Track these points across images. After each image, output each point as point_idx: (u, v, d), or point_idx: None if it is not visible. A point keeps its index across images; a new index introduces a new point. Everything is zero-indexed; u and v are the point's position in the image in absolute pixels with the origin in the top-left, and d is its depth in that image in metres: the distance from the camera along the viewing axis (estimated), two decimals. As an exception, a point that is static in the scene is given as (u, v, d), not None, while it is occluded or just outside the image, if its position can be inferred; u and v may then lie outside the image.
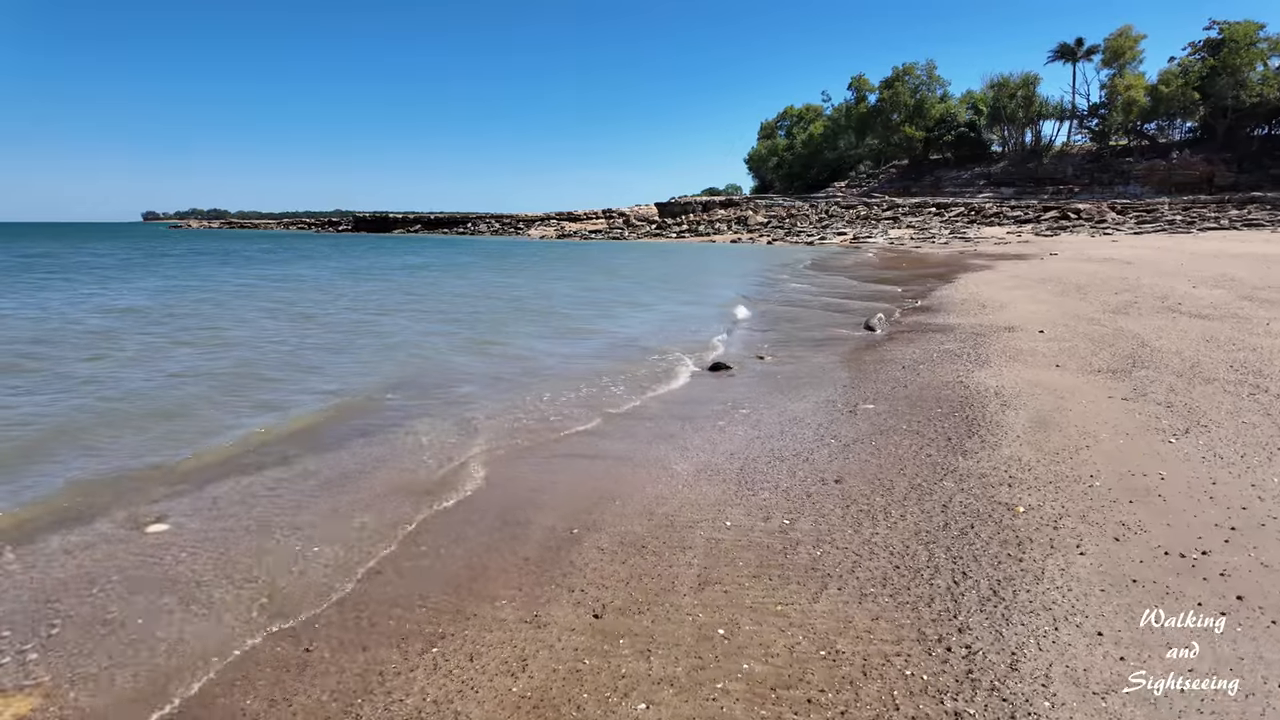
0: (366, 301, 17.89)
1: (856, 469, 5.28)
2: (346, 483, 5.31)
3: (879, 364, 9.21)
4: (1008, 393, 7.32)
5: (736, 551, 4.00)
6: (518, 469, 5.59)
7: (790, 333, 12.58)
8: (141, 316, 14.38)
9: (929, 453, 5.58)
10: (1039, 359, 8.97)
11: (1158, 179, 61.79)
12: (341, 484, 5.28)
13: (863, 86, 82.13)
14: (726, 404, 7.49)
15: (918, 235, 50.81)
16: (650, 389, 8.32)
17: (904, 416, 6.65)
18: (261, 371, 9.23)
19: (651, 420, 6.95)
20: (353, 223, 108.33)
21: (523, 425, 6.84)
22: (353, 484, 5.28)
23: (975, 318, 12.86)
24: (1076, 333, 10.73)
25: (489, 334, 12.69)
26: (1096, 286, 16.88)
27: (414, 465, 5.71)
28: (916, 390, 7.67)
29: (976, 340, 10.49)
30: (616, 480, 5.26)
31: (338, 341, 11.76)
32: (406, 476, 5.44)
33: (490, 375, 9.20)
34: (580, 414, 7.25)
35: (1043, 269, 23.33)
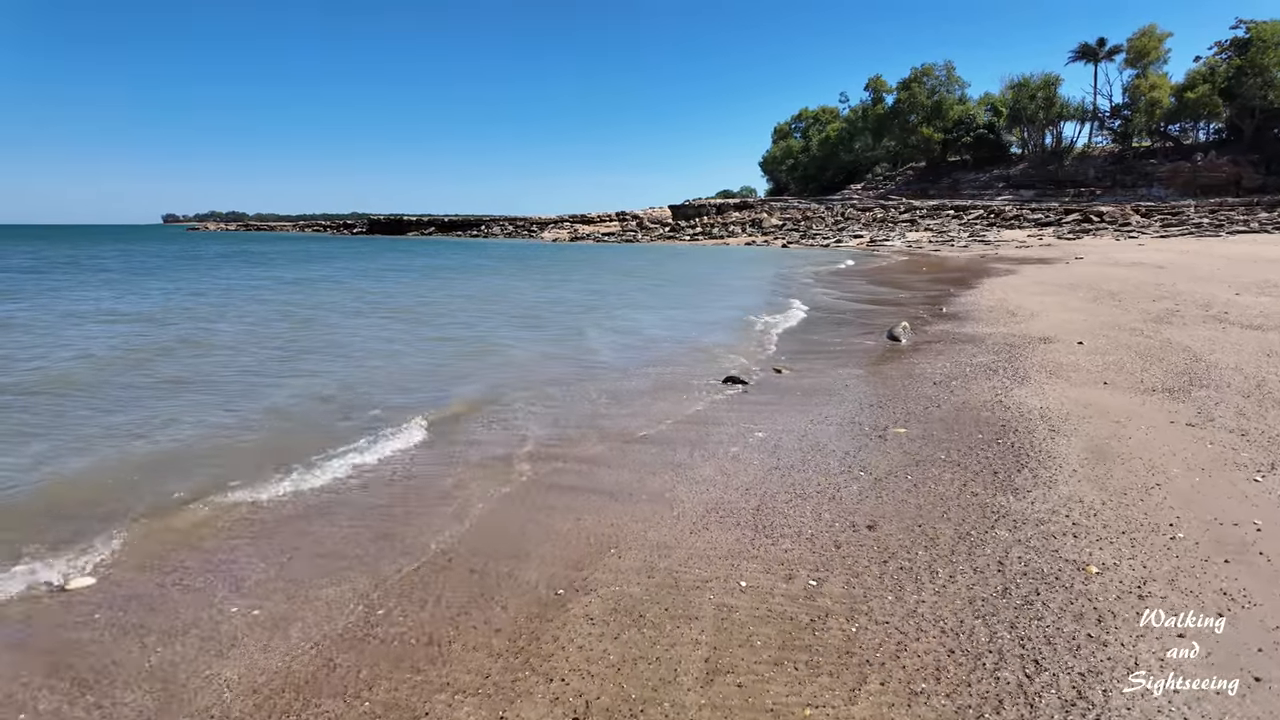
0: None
1: (892, 510, 4.56)
2: (316, 529, 4.66)
3: (907, 379, 8.47)
4: (1054, 415, 6.57)
5: (753, 625, 3.30)
6: (506, 508, 4.92)
7: (809, 342, 11.84)
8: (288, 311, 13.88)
9: (974, 490, 4.86)
10: (1083, 374, 8.21)
11: (1182, 181, 60.37)
12: (312, 532, 4.63)
13: (880, 88, 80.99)
14: (741, 425, 6.78)
15: (936, 238, 49.78)
16: (656, 406, 7.63)
17: (941, 443, 5.92)
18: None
19: (657, 445, 6.25)
20: (367, 225, 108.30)
21: (510, 452, 6.17)
22: (329, 528, 4.63)
23: (1006, 327, 12.08)
24: (1119, 344, 9.94)
25: (460, 335, 12.04)
26: (1131, 293, 16.03)
27: (408, 509, 5.05)
28: (951, 411, 6.93)
29: (1011, 352, 9.73)
30: (614, 522, 4.56)
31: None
32: (387, 524, 4.78)
33: (481, 387, 8.55)
34: (579, 436, 6.57)
35: (1070, 274, 22.45)
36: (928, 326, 12.68)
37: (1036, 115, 69.78)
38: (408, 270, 31.56)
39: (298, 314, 15.65)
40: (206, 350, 10.89)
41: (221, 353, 10.72)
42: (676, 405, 7.65)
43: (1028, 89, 69.50)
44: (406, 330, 13.48)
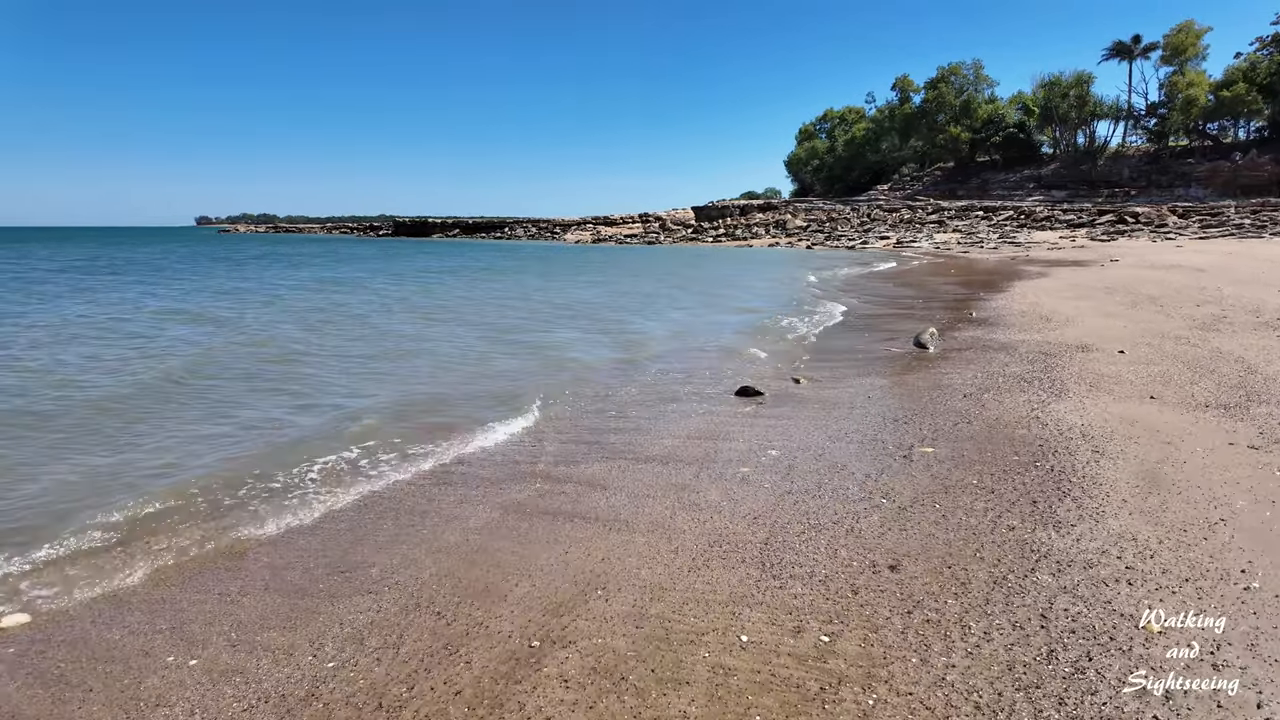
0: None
1: (917, 547, 4.05)
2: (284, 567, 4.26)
3: (935, 390, 7.92)
4: (1097, 434, 6.00)
5: (753, 693, 2.82)
6: (488, 538, 4.48)
7: (830, 349, 11.28)
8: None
9: (1010, 523, 4.33)
10: (1126, 387, 7.60)
11: (1222, 181, 58.64)
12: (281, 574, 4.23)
13: (907, 87, 79.80)
14: (753, 442, 6.29)
15: (965, 240, 48.71)
16: (663, 419, 7.16)
17: (972, 465, 5.39)
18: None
19: (661, 463, 5.78)
20: (393, 227, 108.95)
21: (499, 474, 5.74)
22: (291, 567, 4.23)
23: (1040, 333, 11.44)
24: (1164, 353, 9.29)
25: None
26: (1172, 297, 15.25)
27: (381, 531, 4.64)
28: (983, 427, 6.38)
29: (1046, 362, 9.12)
30: (605, 556, 4.10)
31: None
32: (353, 553, 4.37)
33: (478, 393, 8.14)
34: (578, 454, 6.13)
35: (1105, 276, 21.60)
36: (956, 333, 12.08)
37: (1069, 114, 68.27)
38: (440, 273, 31.38)
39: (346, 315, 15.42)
40: (290, 360, 10.58)
41: (309, 360, 10.46)
42: (686, 419, 7.17)
43: (1059, 87, 68.02)
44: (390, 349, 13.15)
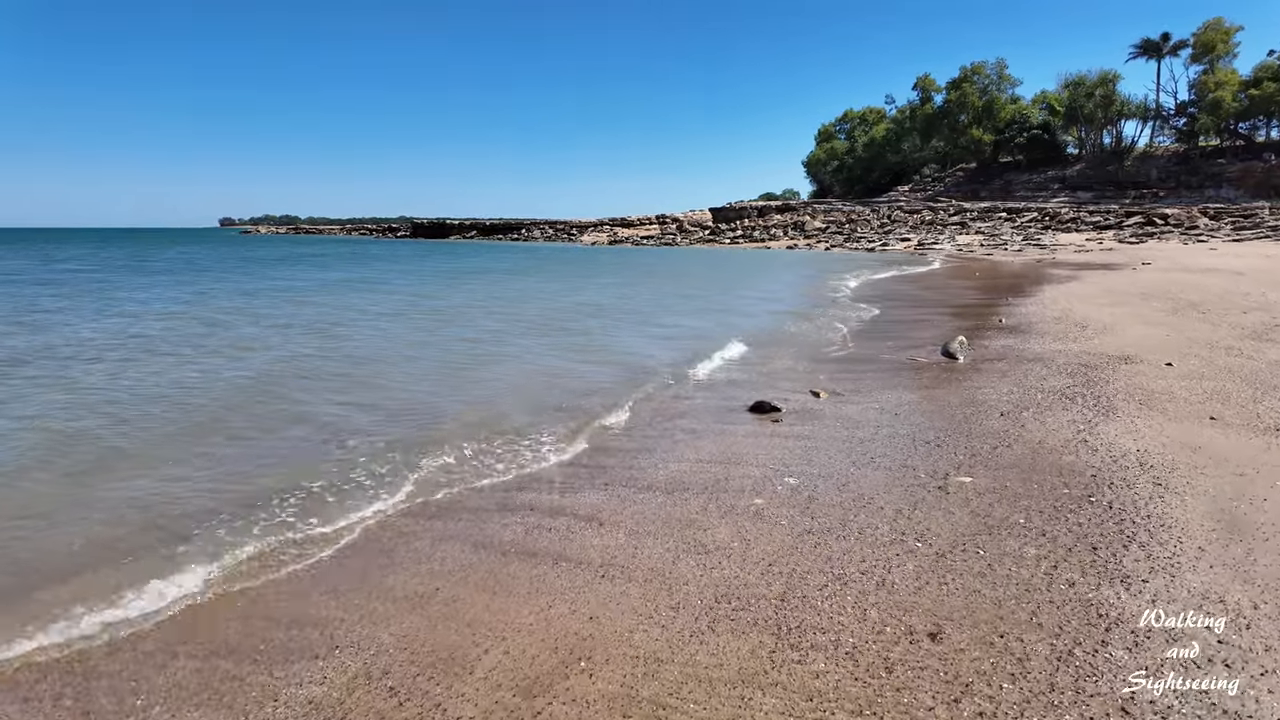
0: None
1: (961, 607, 3.44)
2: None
3: (968, 408, 7.27)
4: (1157, 462, 5.34)
5: (764, 822, 2.24)
6: (462, 589, 3.92)
7: (851, 360, 10.62)
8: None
9: (1069, 576, 3.70)
10: (1181, 405, 6.91)
11: (1254, 182, 57.11)
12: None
13: (929, 87, 78.66)
14: (769, 467, 5.69)
15: (988, 242, 47.67)
16: (671, 439, 6.57)
17: (1017, 500, 4.75)
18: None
19: (666, 493, 5.20)
20: (411, 229, 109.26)
21: (486, 503, 5.18)
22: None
23: (1077, 343, 10.73)
24: (1217, 367, 8.58)
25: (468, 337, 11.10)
26: (1214, 303, 14.44)
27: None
28: (1025, 452, 5.74)
29: (1088, 375, 8.44)
30: (594, 614, 3.52)
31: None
32: (305, 609, 3.83)
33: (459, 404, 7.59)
34: (573, 478, 5.55)
35: (1138, 281, 20.74)
36: (987, 341, 11.38)
37: (1095, 114, 66.89)
38: (464, 274, 30.99)
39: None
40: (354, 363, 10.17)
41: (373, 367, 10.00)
42: (695, 440, 6.58)
43: (1085, 87, 66.70)
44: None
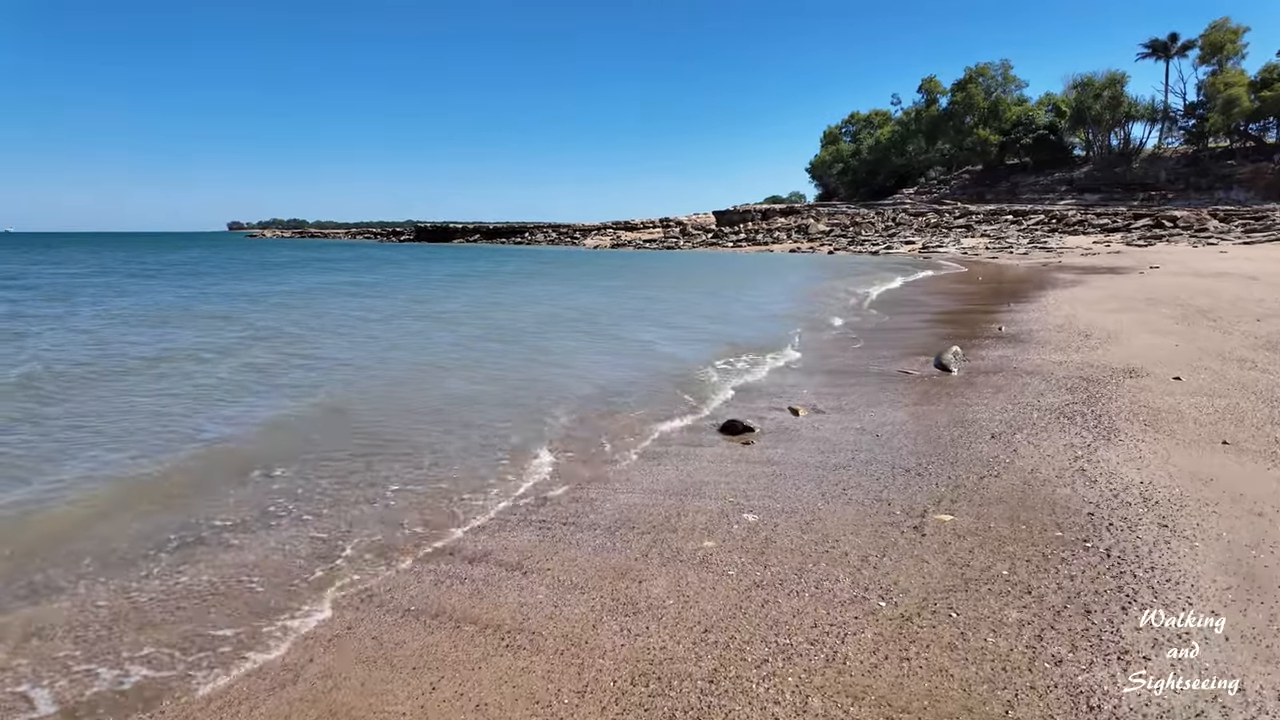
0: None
1: (922, 694, 2.83)
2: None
3: (957, 429, 6.65)
4: (1163, 497, 4.72)
5: None
6: (339, 657, 3.33)
7: (839, 370, 9.99)
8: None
9: (1056, 651, 3.09)
10: (1190, 427, 6.29)
11: (1265, 183, 56.24)
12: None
13: (934, 89, 77.98)
14: (729, 499, 5.09)
15: (993, 245, 46.92)
16: (629, 463, 5.98)
17: (1002, 546, 4.14)
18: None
19: (606, 532, 4.59)
20: (414, 232, 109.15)
21: (394, 537, 4.59)
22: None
23: (1079, 353, 10.09)
24: (1229, 381, 7.94)
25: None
26: (1226, 310, 13.77)
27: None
28: (1016, 483, 5.12)
29: (1089, 390, 7.81)
30: (482, 700, 2.91)
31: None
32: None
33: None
34: (502, 515, 4.95)
35: (1146, 285, 20.06)
36: (983, 351, 10.75)
37: (1102, 115, 66.10)
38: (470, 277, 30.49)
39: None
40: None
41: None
42: (655, 465, 5.98)
43: (1092, 88, 65.95)
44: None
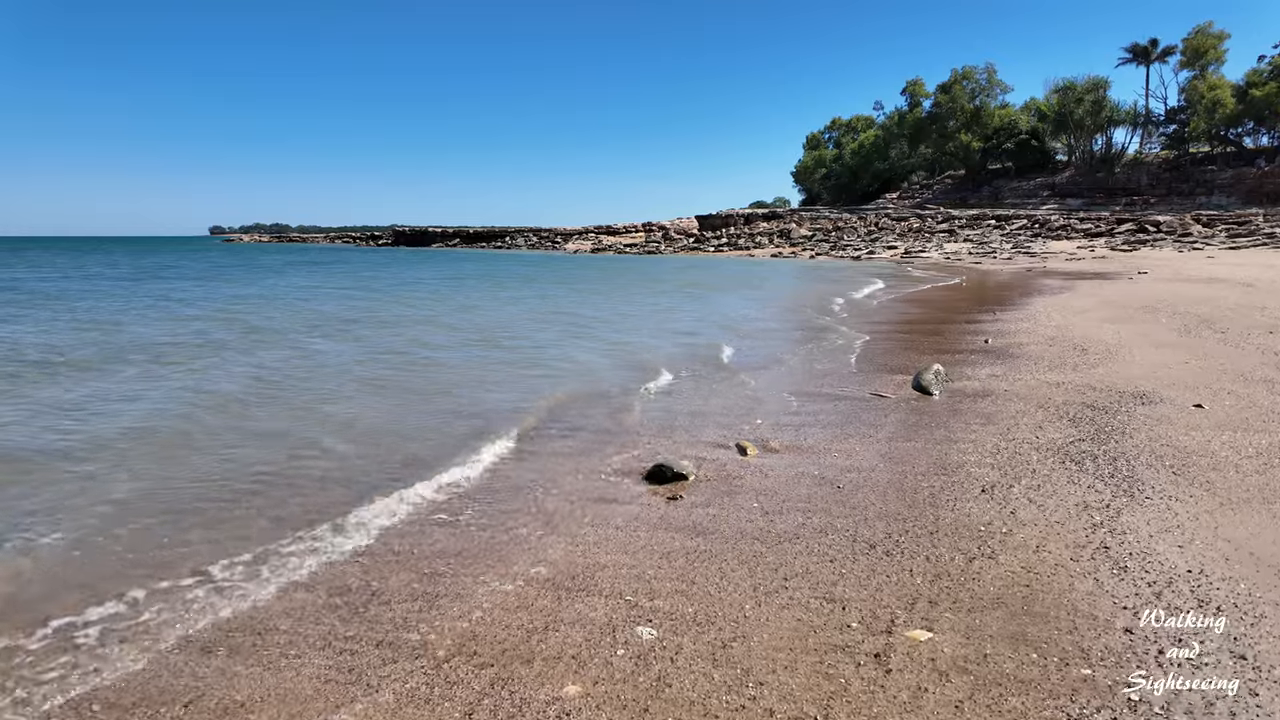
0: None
1: None
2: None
3: (938, 476, 5.30)
4: (1225, 600, 3.39)
5: None
6: None
7: (803, 392, 8.57)
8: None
9: None
10: (1230, 476, 4.98)
11: (1246, 189, 55.68)
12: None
13: (918, 91, 77.10)
14: (625, 598, 3.69)
15: (976, 250, 45.95)
16: (508, 530, 4.57)
17: (1004, 699, 2.78)
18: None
19: (427, 667, 3.18)
20: (393, 237, 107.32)
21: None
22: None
23: (1077, 372, 8.80)
24: (1259, 409, 6.66)
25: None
26: (1230, 320, 12.59)
27: None
28: (1018, 572, 3.77)
29: (1096, 422, 6.50)
30: None
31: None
32: None
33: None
34: (308, 634, 3.53)
35: (1138, 292, 18.93)
36: (968, 369, 9.43)
37: (1084, 120, 65.44)
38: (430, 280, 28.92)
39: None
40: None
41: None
42: (548, 532, 4.56)
43: (1074, 92, 65.28)
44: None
